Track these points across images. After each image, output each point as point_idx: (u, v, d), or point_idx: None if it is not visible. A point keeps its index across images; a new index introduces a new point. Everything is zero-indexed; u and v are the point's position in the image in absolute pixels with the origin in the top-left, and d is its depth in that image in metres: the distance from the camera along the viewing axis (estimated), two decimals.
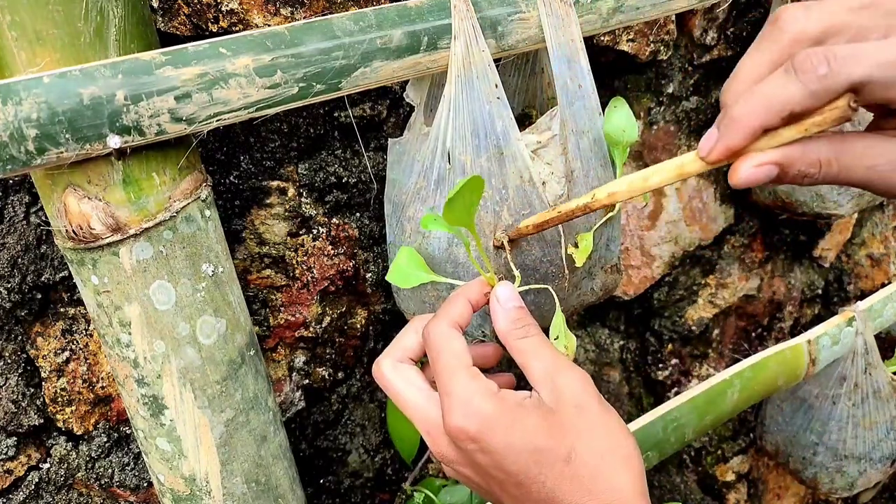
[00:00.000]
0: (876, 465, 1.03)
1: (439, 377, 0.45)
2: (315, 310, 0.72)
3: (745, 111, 0.40)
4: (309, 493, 0.79)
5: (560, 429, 0.43)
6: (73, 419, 0.65)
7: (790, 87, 0.38)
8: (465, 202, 0.45)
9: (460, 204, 0.45)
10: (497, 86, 0.51)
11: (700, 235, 1.01)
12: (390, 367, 0.48)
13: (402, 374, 0.48)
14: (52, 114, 0.39)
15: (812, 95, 0.38)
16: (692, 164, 0.44)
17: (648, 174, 0.45)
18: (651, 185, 0.46)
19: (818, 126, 0.39)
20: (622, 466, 0.43)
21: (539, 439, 0.43)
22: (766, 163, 0.41)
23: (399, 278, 0.53)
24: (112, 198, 0.44)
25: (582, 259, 0.55)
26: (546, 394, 0.45)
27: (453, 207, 0.45)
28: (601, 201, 0.48)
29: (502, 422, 0.43)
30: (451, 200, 0.44)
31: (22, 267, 0.59)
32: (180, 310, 0.48)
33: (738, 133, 0.40)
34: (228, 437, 0.52)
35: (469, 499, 0.78)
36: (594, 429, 0.44)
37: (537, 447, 0.42)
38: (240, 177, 0.65)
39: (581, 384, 0.45)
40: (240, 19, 0.59)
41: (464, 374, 0.44)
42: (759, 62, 0.41)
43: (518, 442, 0.42)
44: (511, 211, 0.53)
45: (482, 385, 0.44)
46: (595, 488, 0.42)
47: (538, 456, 0.42)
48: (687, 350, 1.08)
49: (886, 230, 1.26)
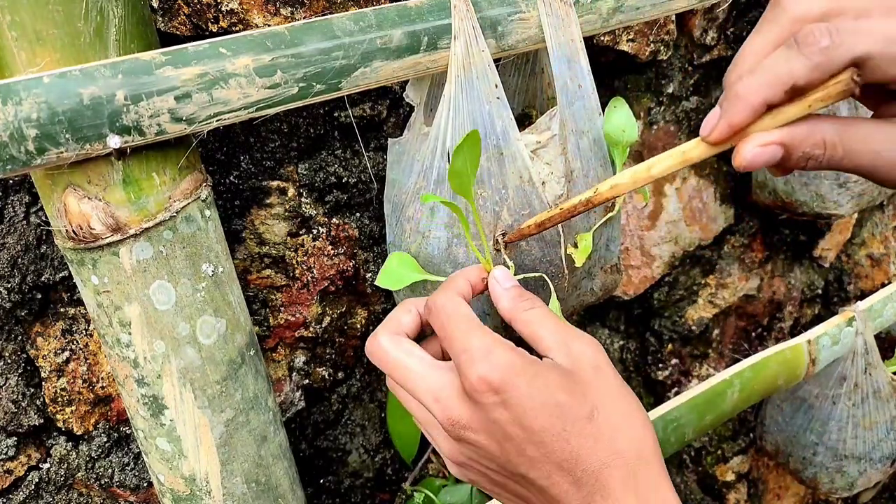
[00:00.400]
0: (876, 465, 1.03)
1: (453, 338, 0.43)
2: (315, 310, 0.72)
3: (748, 87, 0.39)
4: (309, 493, 0.79)
5: (581, 388, 0.42)
6: (73, 419, 0.65)
7: (793, 60, 0.38)
8: (466, 157, 0.45)
9: (461, 161, 0.45)
10: (497, 86, 0.51)
11: (700, 235, 1.01)
12: (388, 340, 0.46)
13: (401, 346, 0.46)
14: (52, 114, 0.39)
15: (816, 68, 0.37)
16: (695, 150, 0.43)
17: (652, 163, 0.45)
18: (655, 174, 0.45)
19: (822, 101, 0.38)
20: (643, 428, 0.42)
21: (561, 395, 0.41)
22: (770, 143, 0.40)
23: (390, 281, 0.53)
24: (112, 198, 0.44)
25: (581, 259, 0.55)
26: (562, 358, 0.43)
27: (455, 168, 0.45)
28: (604, 195, 0.47)
29: (525, 373, 0.41)
30: (454, 160, 0.45)
31: (22, 267, 0.59)
32: (180, 310, 0.48)
33: (741, 109, 0.39)
34: (228, 437, 0.52)
35: (469, 499, 0.78)
36: (613, 390, 0.43)
37: (559, 402, 0.41)
38: (240, 177, 0.65)
39: (594, 349, 0.44)
40: (240, 19, 0.60)
41: (479, 330, 0.43)
42: (762, 43, 0.40)
43: (541, 395, 0.41)
44: (511, 211, 0.53)
45: (500, 338, 0.42)
46: (619, 448, 0.41)
47: (561, 411, 0.41)
48: (687, 350, 1.08)
49: (886, 230, 1.26)
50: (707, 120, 0.41)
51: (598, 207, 0.57)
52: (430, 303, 0.46)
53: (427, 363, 0.45)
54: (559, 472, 0.41)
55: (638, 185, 0.46)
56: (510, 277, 0.49)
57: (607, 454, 0.40)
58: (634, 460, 0.41)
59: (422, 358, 0.45)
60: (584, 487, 0.40)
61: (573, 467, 0.40)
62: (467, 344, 0.42)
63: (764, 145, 0.40)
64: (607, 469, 0.40)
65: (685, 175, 0.96)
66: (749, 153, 0.40)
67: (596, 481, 0.40)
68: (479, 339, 0.42)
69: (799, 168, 0.42)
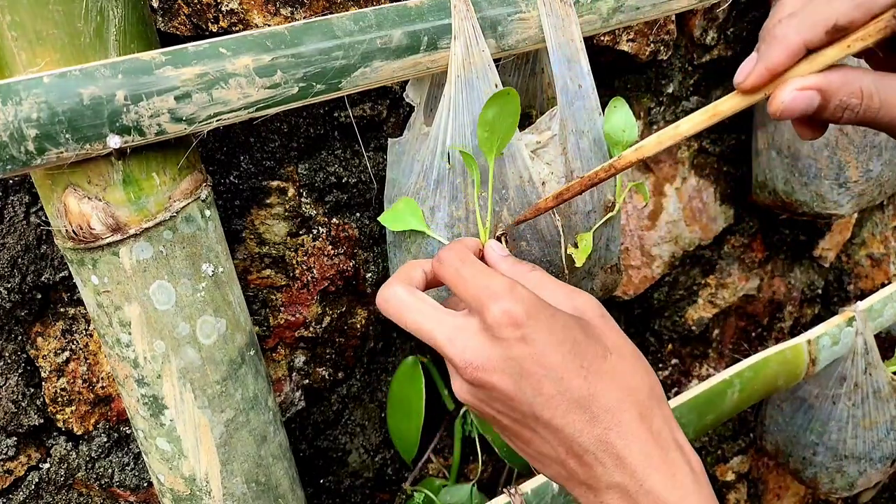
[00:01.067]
0: (876, 465, 1.02)
1: (470, 279, 0.43)
2: (315, 310, 0.72)
3: (788, 27, 0.39)
4: (309, 493, 0.79)
5: (593, 329, 0.43)
6: (73, 419, 0.65)
7: (835, 1, 0.37)
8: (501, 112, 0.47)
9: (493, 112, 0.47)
10: (497, 86, 0.51)
11: (700, 235, 1.01)
12: (402, 289, 0.45)
13: (415, 294, 0.45)
14: (52, 114, 0.39)
15: (858, 7, 0.37)
16: (726, 103, 0.42)
17: (679, 123, 0.44)
18: (682, 132, 0.44)
19: (862, 41, 0.38)
20: (649, 372, 0.44)
21: (578, 333, 0.42)
22: (808, 87, 0.39)
23: (392, 220, 0.52)
24: (112, 198, 0.44)
25: (582, 259, 0.55)
26: (569, 310, 0.44)
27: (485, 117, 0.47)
28: (627, 159, 0.46)
29: (546, 310, 0.42)
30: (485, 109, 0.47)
31: (22, 267, 0.59)
32: (180, 310, 0.48)
33: (781, 51, 0.39)
34: (228, 437, 0.52)
35: (469, 499, 0.78)
36: (621, 336, 0.44)
37: (577, 339, 0.42)
38: (240, 177, 0.65)
39: (597, 302, 0.45)
40: (240, 19, 0.60)
41: (497, 272, 0.43)
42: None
43: (560, 332, 0.41)
44: (511, 211, 0.53)
45: (509, 279, 0.43)
46: (633, 385, 0.42)
47: (579, 349, 0.41)
48: (687, 350, 1.08)
49: (886, 230, 1.26)
50: (742, 67, 0.41)
51: (599, 208, 0.57)
52: (441, 255, 0.45)
53: (441, 309, 0.44)
54: (576, 410, 0.41)
55: (663, 147, 0.44)
56: (504, 248, 0.50)
57: (622, 391, 0.41)
58: (647, 398, 0.42)
59: (435, 306, 0.45)
60: (600, 424, 0.41)
61: (589, 404, 0.41)
62: (488, 281, 0.42)
63: (802, 89, 0.39)
64: (622, 405, 0.41)
65: (685, 175, 0.96)
66: (787, 96, 0.39)
67: (612, 417, 0.41)
68: (499, 278, 0.42)
69: (834, 120, 0.41)
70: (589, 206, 0.56)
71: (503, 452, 0.78)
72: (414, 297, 0.45)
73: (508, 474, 0.89)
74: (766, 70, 0.39)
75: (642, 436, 0.41)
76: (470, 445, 0.85)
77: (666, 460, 0.41)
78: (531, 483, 0.69)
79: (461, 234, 0.53)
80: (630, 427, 0.41)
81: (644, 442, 0.41)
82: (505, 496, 0.68)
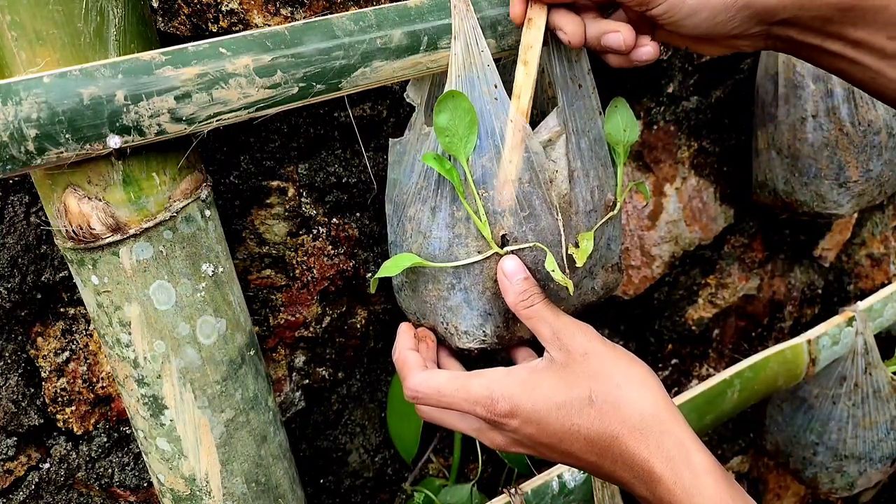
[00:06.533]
0: (876, 464, 1.03)
1: (454, 402, 0.49)
2: (315, 310, 0.72)
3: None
4: (309, 493, 0.79)
5: (575, 378, 0.48)
6: (73, 419, 0.65)
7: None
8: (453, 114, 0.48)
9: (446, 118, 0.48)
10: (497, 86, 0.51)
11: (700, 235, 1.01)
12: (424, 378, 0.51)
13: (434, 378, 0.51)
14: (52, 114, 0.39)
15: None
16: (524, 39, 0.50)
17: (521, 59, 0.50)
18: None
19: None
20: (640, 389, 0.47)
21: (559, 395, 0.47)
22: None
23: (386, 271, 0.54)
24: (112, 198, 0.44)
25: (583, 259, 0.55)
26: (556, 352, 0.49)
27: (440, 124, 0.48)
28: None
29: (525, 390, 0.48)
30: (437, 116, 0.48)
31: (22, 267, 0.59)
32: (180, 310, 0.48)
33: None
34: (228, 437, 0.52)
35: (469, 499, 0.78)
36: (605, 368, 0.48)
37: (559, 403, 0.47)
38: (240, 177, 0.65)
39: (583, 334, 0.49)
40: (240, 19, 0.59)
41: (464, 383, 0.49)
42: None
43: (544, 404, 0.47)
44: (511, 211, 0.53)
45: (485, 372, 0.49)
46: (622, 416, 0.46)
47: (564, 410, 0.47)
48: (687, 350, 1.08)
49: (886, 230, 1.26)
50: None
51: (600, 207, 0.57)
52: (414, 393, 0.51)
53: (459, 380, 0.50)
54: (586, 454, 0.47)
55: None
56: (518, 269, 0.52)
57: (614, 427, 0.46)
58: (639, 420, 0.46)
59: (450, 403, 0.50)
60: (606, 460, 0.47)
61: (592, 448, 0.47)
62: (466, 395, 0.49)
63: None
64: (617, 440, 0.46)
65: (685, 175, 0.96)
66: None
67: (611, 454, 0.46)
68: (475, 388, 0.48)
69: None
70: (590, 206, 0.56)
71: (503, 453, 0.78)
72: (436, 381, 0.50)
73: (508, 474, 0.89)
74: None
75: (642, 455, 0.46)
76: (470, 445, 0.85)
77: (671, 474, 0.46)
78: (531, 483, 0.69)
79: (462, 234, 0.53)
80: (630, 454, 0.46)
81: (643, 462, 0.46)
82: (505, 496, 0.68)
